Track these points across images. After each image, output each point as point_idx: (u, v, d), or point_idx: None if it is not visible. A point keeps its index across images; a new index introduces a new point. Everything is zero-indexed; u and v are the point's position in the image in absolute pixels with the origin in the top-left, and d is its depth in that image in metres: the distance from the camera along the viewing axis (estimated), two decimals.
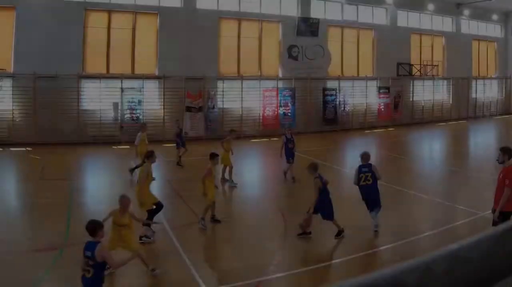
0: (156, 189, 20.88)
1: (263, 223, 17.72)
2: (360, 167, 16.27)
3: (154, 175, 18.08)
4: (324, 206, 15.42)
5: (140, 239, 14.76)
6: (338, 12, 46.91)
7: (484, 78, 60.10)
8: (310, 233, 15.50)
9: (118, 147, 34.40)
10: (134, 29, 38.50)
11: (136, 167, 22.65)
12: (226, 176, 23.73)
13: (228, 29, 42.08)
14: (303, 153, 31.02)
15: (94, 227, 10.20)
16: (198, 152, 29.08)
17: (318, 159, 28.08)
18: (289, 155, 24.56)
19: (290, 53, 43.88)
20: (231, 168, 23.79)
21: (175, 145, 28.30)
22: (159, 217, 16.66)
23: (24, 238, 15.34)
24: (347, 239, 15.38)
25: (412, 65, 50.82)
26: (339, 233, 15.31)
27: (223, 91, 40.78)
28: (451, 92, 55.59)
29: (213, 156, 17.89)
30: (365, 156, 16.51)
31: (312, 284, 12.71)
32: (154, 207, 15.96)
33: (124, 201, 12.67)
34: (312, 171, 15.78)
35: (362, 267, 13.28)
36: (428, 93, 53.52)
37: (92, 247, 9.92)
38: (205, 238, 16.41)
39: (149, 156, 16.70)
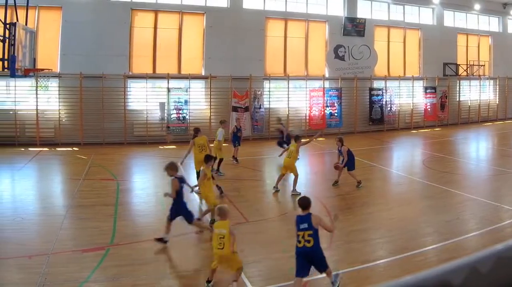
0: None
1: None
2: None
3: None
4: (179, 209, 14.57)
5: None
6: (384, 12, 44.31)
7: None
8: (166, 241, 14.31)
9: (165, 147, 32.88)
10: (180, 29, 36.48)
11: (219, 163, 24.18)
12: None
13: (274, 29, 39.78)
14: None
15: (308, 202, 11.34)
16: (245, 151, 28.78)
17: (364, 159, 28.01)
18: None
19: (337, 53, 41.37)
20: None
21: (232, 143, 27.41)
22: (205, 216, 16.75)
23: (70, 238, 14.83)
24: (392, 239, 14.75)
25: (459, 65, 47.67)
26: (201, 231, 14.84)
27: (269, 91, 38.55)
28: (497, 92, 52.02)
29: (207, 159, 16.86)
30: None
31: (357, 285, 11.88)
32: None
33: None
34: (170, 171, 14.94)
35: (408, 267, 12.47)
36: (475, 93, 50.33)
37: (307, 219, 10.95)
38: (251, 238, 15.01)
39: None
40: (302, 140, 21.51)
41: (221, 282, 11.76)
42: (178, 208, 14.60)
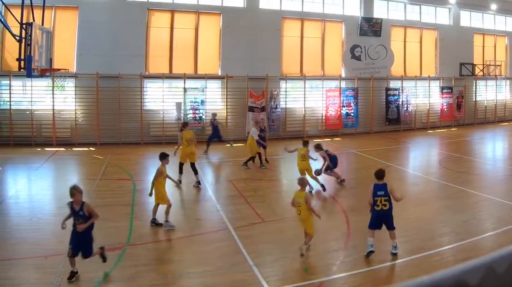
0: (219, 189, 21.72)
1: (325, 223, 15.86)
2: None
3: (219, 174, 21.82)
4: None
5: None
6: (401, 12, 43.25)
7: None
8: None
9: (181, 147, 31.94)
10: (197, 29, 35.72)
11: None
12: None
13: (290, 29, 38.85)
14: (366, 153, 30.47)
15: (383, 173, 13.73)
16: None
17: (381, 159, 28.02)
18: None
19: (353, 53, 40.50)
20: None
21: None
22: (221, 216, 16.93)
23: None
24: (409, 239, 14.53)
25: (475, 65, 46.49)
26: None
27: (285, 91, 37.73)
28: None
29: (162, 156, 16.72)
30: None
31: (374, 285, 11.76)
32: None
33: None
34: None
35: (424, 267, 12.33)
36: (491, 93, 49.03)
37: (383, 187, 13.33)
38: (267, 238, 14.87)
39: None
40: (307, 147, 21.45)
41: None
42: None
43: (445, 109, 44.78)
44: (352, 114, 39.81)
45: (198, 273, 12.25)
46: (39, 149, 30.22)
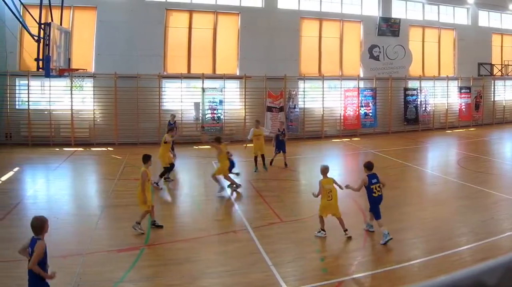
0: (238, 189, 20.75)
1: (344, 223, 15.24)
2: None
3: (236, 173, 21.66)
4: None
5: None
6: (419, 12, 42.21)
7: None
8: None
9: (199, 147, 31.39)
10: (215, 29, 35.02)
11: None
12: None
13: (309, 29, 37.95)
14: (384, 153, 30.01)
15: (373, 165, 14.87)
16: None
17: (399, 159, 27.69)
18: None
19: (371, 53, 39.53)
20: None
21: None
22: (240, 216, 16.85)
23: (105, 238, 14.56)
24: (427, 239, 14.37)
25: (493, 65, 45.10)
26: None
27: (304, 91, 36.84)
28: None
29: (147, 158, 15.85)
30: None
31: (391, 285, 11.44)
32: None
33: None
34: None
35: (443, 267, 12.06)
36: (509, 93, 47.75)
37: (375, 176, 14.55)
38: (286, 238, 14.58)
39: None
40: None
41: None
42: None
43: (464, 109, 43.59)
44: (370, 114, 38.90)
45: (216, 273, 12.10)
46: (57, 149, 29.73)
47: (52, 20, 22.49)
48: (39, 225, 9.32)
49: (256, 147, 24.41)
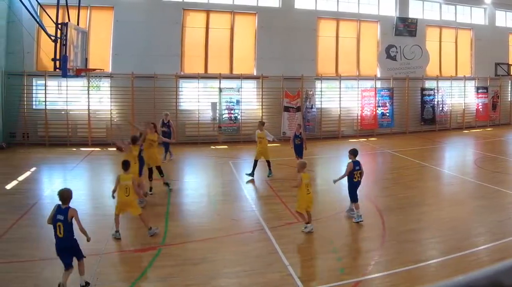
0: (254, 189, 20.92)
1: (360, 223, 15.54)
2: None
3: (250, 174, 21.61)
4: None
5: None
6: (436, 12, 41.19)
7: None
8: None
9: (216, 147, 31.08)
10: (232, 29, 34.24)
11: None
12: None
13: (326, 29, 37.02)
14: (401, 153, 29.61)
15: (357, 151, 16.00)
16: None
17: (416, 159, 27.28)
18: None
19: (388, 53, 38.55)
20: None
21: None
22: (257, 216, 16.51)
23: (122, 238, 14.12)
24: (444, 239, 14.02)
25: (510, 65, 43.82)
26: None
27: (321, 91, 36.06)
28: None
29: (127, 166, 14.67)
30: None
31: (409, 285, 11.11)
32: None
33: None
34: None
35: (460, 267, 11.83)
36: None
37: (359, 163, 15.80)
38: (303, 238, 14.37)
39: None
40: None
41: None
42: None
43: (481, 109, 42.49)
44: (387, 114, 38.04)
45: (233, 273, 11.91)
46: (74, 149, 29.11)
47: (69, 20, 22.15)
48: (69, 195, 11.14)
49: (257, 151, 22.43)
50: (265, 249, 13.42)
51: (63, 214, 10.69)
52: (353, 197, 15.77)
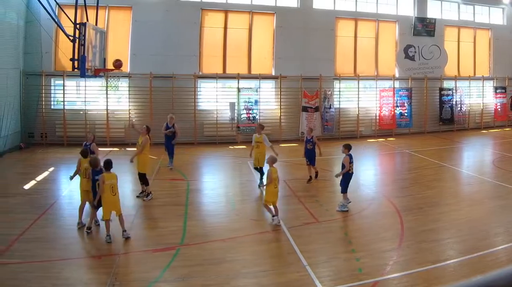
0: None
1: (378, 222, 15.58)
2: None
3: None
4: None
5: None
6: (454, 12, 39.99)
7: None
8: None
9: (235, 147, 30.36)
10: (250, 29, 33.34)
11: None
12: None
13: (344, 29, 35.97)
14: (420, 153, 29.15)
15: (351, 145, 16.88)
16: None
17: (435, 159, 26.87)
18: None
19: (407, 53, 37.48)
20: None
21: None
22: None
23: (140, 238, 14.10)
24: (462, 239, 13.78)
25: None
26: None
27: (339, 91, 35.18)
28: None
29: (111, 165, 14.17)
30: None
31: (427, 285, 10.81)
32: None
33: None
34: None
35: (478, 267, 11.58)
36: None
37: (352, 156, 16.79)
38: (321, 238, 14.14)
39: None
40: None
41: None
42: None
43: (499, 109, 41.11)
44: (405, 114, 36.97)
45: (252, 273, 11.72)
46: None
47: (87, 20, 21.63)
48: (98, 162, 14.21)
49: (255, 156, 20.08)
50: (284, 249, 13.27)
51: (97, 174, 13.83)
52: (346, 188, 16.52)
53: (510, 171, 23.47)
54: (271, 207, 15.01)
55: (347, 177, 16.42)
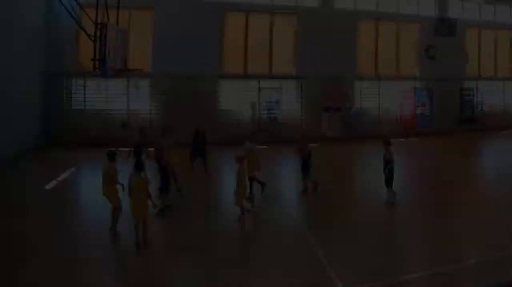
0: (294, 190, 19.68)
1: (399, 224, 15.59)
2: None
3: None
4: None
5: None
6: (475, 12, 39.12)
7: None
8: None
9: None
10: (271, 29, 32.65)
11: None
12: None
13: (365, 29, 35.16)
14: (441, 152, 29.33)
15: None
16: (334, 151, 28.16)
17: (456, 159, 26.69)
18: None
19: (428, 53, 36.80)
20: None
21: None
22: (297, 217, 16.05)
23: (161, 238, 13.87)
24: (486, 240, 13.27)
25: None
26: None
27: (360, 91, 34.57)
28: None
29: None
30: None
31: (451, 285, 10.74)
32: None
33: None
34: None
35: (497, 268, 11.17)
36: None
37: None
38: (342, 238, 13.77)
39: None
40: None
41: None
42: None
43: None
44: (426, 114, 36.39)
45: (273, 274, 11.36)
46: (113, 149, 28.57)
47: (108, 20, 21.16)
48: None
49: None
50: (305, 250, 12.91)
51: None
52: (392, 181, 16.71)
53: None
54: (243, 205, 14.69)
55: (391, 170, 16.22)
